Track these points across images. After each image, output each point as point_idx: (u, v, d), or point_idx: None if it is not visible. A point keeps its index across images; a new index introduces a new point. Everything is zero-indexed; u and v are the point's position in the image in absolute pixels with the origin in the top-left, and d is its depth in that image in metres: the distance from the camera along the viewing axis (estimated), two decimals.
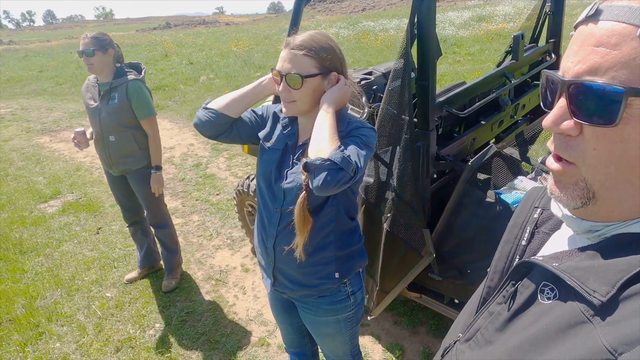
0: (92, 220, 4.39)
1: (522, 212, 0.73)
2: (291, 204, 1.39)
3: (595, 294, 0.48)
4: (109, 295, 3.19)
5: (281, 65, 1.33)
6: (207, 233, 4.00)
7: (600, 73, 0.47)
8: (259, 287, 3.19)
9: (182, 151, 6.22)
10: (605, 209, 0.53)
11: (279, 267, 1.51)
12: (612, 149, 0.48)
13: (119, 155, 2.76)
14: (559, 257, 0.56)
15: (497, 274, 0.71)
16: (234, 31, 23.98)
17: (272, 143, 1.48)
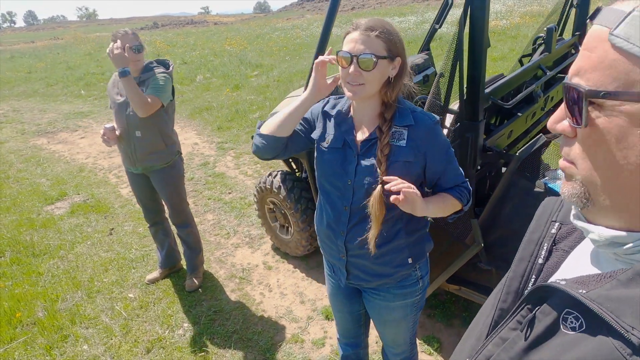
0: (103, 222, 4.32)
1: (538, 226, 0.68)
2: (361, 200, 1.39)
3: (635, 331, 0.42)
4: (131, 296, 3.13)
5: (352, 46, 1.29)
6: (224, 232, 3.96)
7: (581, 74, 0.48)
8: (284, 285, 3.16)
9: (187, 150, 6.14)
10: (603, 214, 0.51)
11: (352, 262, 1.51)
12: (594, 151, 0.49)
13: (144, 151, 2.71)
14: (585, 282, 0.51)
15: (510, 295, 0.66)
16: (225, 30, 23.84)
17: (329, 142, 1.46)
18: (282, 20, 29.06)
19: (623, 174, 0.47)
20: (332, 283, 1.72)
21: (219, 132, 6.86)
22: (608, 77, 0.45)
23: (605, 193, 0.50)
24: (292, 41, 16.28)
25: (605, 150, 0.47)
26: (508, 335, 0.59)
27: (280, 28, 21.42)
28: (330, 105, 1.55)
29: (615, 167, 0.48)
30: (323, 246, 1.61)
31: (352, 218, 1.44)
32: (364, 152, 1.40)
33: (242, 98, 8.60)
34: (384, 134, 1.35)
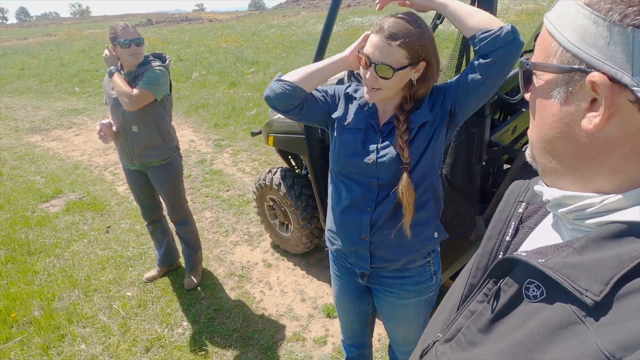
0: (99, 219, 4.26)
1: (506, 206, 0.72)
2: (387, 177, 1.38)
3: (588, 292, 0.46)
4: (129, 294, 3.09)
5: (372, 51, 1.28)
6: (223, 229, 3.92)
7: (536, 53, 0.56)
8: (284, 283, 3.13)
9: (184, 147, 6.09)
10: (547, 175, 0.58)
11: (376, 242, 1.46)
12: (531, 116, 0.57)
13: (141, 147, 2.66)
14: (544, 252, 0.54)
15: (479, 271, 0.69)
16: (220, 28, 23.71)
17: (350, 123, 1.45)
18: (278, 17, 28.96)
19: (551, 138, 0.54)
20: (340, 283, 1.68)
21: (215, 130, 6.81)
22: (540, 53, 0.54)
23: (543, 154, 0.56)
24: (288, 38, 16.22)
25: (536, 115, 0.56)
26: (476, 308, 0.62)
27: (276, 25, 21.34)
28: (353, 88, 1.53)
29: (544, 130, 0.55)
30: (338, 234, 1.53)
31: (380, 193, 1.42)
32: (386, 134, 1.41)
33: (238, 95, 8.54)
34: (401, 122, 1.35)
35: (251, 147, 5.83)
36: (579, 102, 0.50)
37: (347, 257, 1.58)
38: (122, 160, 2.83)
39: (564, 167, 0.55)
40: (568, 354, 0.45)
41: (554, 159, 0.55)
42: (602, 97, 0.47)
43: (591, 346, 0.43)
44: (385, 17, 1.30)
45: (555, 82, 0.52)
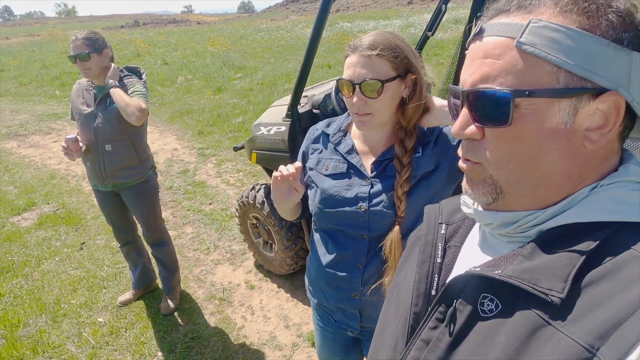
0: (74, 235, 4.04)
1: (429, 229, 0.73)
2: (379, 228, 1.21)
3: (552, 292, 0.47)
4: (101, 320, 2.89)
5: (352, 72, 1.12)
6: (204, 246, 3.74)
7: (490, 80, 0.53)
8: (267, 307, 2.96)
9: (166, 157, 5.88)
10: (513, 202, 0.57)
11: (366, 301, 1.29)
12: (511, 146, 0.54)
13: (115, 167, 2.47)
14: (495, 265, 0.55)
15: (420, 297, 0.67)
16: (208, 30, 23.46)
17: (329, 168, 1.28)
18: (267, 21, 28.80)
19: (535, 162, 0.53)
20: (324, 334, 1.51)
21: (200, 137, 6.61)
22: (520, 79, 0.51)
23: (518, 183, 0.55)
24: (276, 43, 16.07)
25: (523, 144, 0.53)
26: (430, 336, 0.60)
27: (265, 29, 21.17)
28: (324, 124, 1.36)
29: (529, 157, 0.53)
30: (322, 290, 1.37)
31: (372, 247, 1.25)
32: (377, 174, 1.23)
33: (224, 101, 8.36)
34: (405, 167, 1.17)
35: (236, 157, 5.64)
36: (586, 121, 0.52)
37: (332, 314, 1.41)
38: (91, 181, 2.63)
39: (538, 188, 0.55)
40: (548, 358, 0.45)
41: (530, 184, 0.55)
42: (617, 113, 0.51)
43: (568, 343, 0.44)
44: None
45: (558, 106, 0.51)
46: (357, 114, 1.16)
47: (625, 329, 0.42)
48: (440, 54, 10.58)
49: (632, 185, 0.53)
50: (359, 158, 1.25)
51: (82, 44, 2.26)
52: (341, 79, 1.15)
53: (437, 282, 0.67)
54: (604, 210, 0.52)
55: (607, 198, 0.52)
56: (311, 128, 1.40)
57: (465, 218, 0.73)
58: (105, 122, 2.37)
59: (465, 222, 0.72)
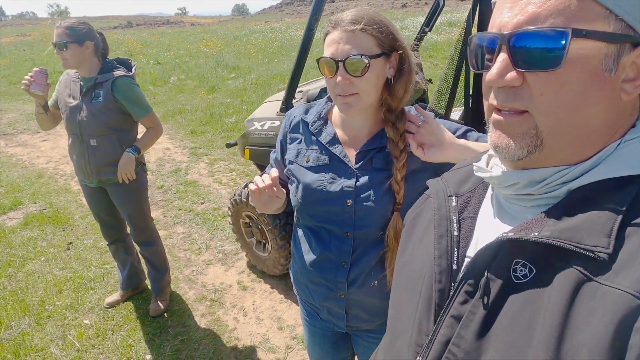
0: (61, 234, 3.92)
1: (440, 203, 0.71)
2: (365, 224, 1.13)
3: (599, 248, 0.46)
4: (87, 322, 2.78)
5: (335, 49, 1.02)
6: (195, 246, 3.64)
7: (540, 21, 0.50)
8: (260, 308, 2.87)
9: (158, 156, 5.78)
10: (549, 156, 0.54)
11: (353, 300, 1.23)
12: (557, 93, 0.50)
13: (100, 162, 2.37)
14: (528, 228, 0.53)
15: (444, 274, 0.64)
16: (201, 32, 23.35)
17: (310, 159, 1.19)
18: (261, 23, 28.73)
19: (580, 111, 0.51)
20: (312, 330, 1.43)
21: (192, 137, 6.51)
22: (572, 20, 0.48)
23: (560, 135, 0.52)
24: (270, 44, 16.00)
25: (569, 90, 0.50)
26: (461, 311, 0.57)
27: (259, 30, 21.11)
28: (302, 109, 1.26)
29: (575, 105, 0.51)
30: (308, 287, 1.30)
31: (357, 246, 1.16)
32: (362, 165, 1.14)
33: (217, 101, 8.26)
34: (402, 152, 1.09)
35: (229, 157, 5.55)
36: (625, 71, 0.51)
37: (318, 311, 1.34)
38: (77, 175, 2.53)
39: (576, 141, 0.53)
40: (601, 316, 0.44)
41: (571, 135, 0.52)
42: None
43: (616, 294, 0.43)
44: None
45: (605, 52, 0.49)
46: (341, 95, 1.05)
47: None
48: (435, 56, 10.57)
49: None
50: (342, 148, 1.16)
51: (63, 33, 2.17)
52: (322, 58, 1.05)
53: (457, 256, 0.65)
54: (629, 164, 0.51)
55: (631, 153, 0.52)
56: (287, 114, 1.30)
57: (474, 188, 0.70)
58: (90, 116, 2.27)
59: (475, 192, 0.70)
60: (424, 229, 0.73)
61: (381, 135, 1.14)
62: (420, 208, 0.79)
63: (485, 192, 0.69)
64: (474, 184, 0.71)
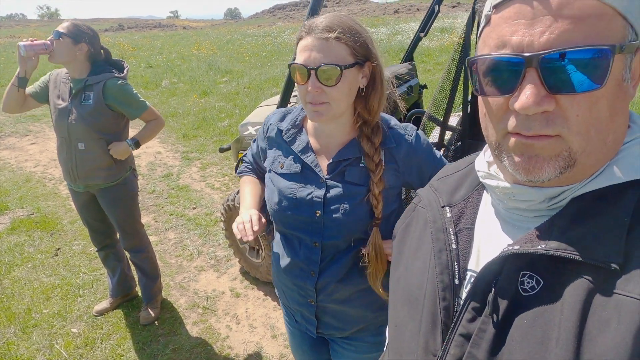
0: (49, 240, 3.84)
1: (435, 215, 0.68)
2: (334, 235, 1.13)
3: (610, 258, 0.46)
4: (75, 331, 2.71)
5: (307, 56, 1.00)
6: (187, 252, 3.58)
7: (571, 39, 0.46)
8: (253, 316, 2.82)
9: (149, 160, 5.70)
10: (578, 173, 0.52)
11: (324, 308, 1.24)
12: (592, 112, 0.48)
13: (88, 167, 2.31)
14: (532, 240, 0.52)
15: (447, 290, 0.61)
16: (194, 35, 23.27)
17: (284, 167, 1.19)
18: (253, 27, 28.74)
19: (610, 124, 0.50)
20: (292, 332, 1.44)
21: (184, 141, 6.44)
22: (604, 35, 0.46)
23: (593, 151, 0.50)
24: (263, 48, 15.99)
25: (602, 106, 0.48)
26: (469, 329, 0.55)
27: (251, 34, 21.10)
28: (278, 116, 1.25)
29: (606, 120, 0.49)
30: (284, 290, 1.31)
31: (325, 255, 1.17)
32: (334, 176, 1.13)
33: (210, 105, 8.21)
34: (378, 165, 1.08)
35: (221, 161, 5.50)
36: (632, 74, 0.50)
37: (294, 314, 1.35)
38: (65, 179, 2.47)
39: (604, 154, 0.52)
40: (617, 326, 0.43)
41: (602, 150, 0.51)
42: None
43: (629, 302, 0.42)
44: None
45: (624, 61, 0.48)
46: (312, 103, 1.04)
47: None
48: (427, 61, 10.63)
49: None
50: (314, 157, 1.15)
51: (66, 26, 2.16)
52: (293, 63, 1.03)
53: (458, 271, 0.62)
54: (632, 168, 0.51)
55: (633, 156, 0.52)
56: (265, 120, 1.29)
57: (468, 196, 0.68)
58: (80, 119, 2.21)
59: (469, 200, 0.67)
60: (417, 240, 0.71)
61: (353, 145, 1.13)
62: (410, 217, 0.76)
63: (480, 200, 0.67)
64: (467, 191, 0.69)
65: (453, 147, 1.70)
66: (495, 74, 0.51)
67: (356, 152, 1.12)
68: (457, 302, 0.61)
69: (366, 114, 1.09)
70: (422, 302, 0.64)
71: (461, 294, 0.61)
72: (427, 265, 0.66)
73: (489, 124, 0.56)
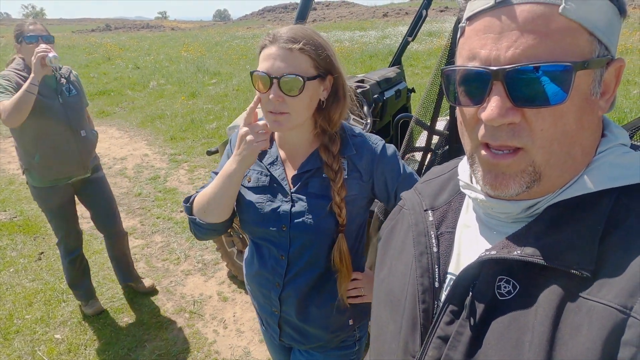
0: (32, 244, 3.76)
1: (417, 218, 0.69)
2: (300, 248, 1.14)
3: (582, 265, 0.47)
4: (58, 337, 2.65)
5: (270, 65, 1.00)
6: (174, 256, 3.54)
7: (536, 54, 0.47)
8: (241, 320, 2.80)
9: (136, 162, 5.64)
10: (546, 186, 0.53)
11: (286, 319, 1.26)
12: (556, 126, 0.49)
13: (90, 151, 2.53)
14: (509, 245, 0.53)
15: (427, 293, 0.62)
16: (182, 36, 23.13)
17: (251, 179, 1.18)
18: (242, 28, 28.67)
19: (576, 138, 0.51)
20: (265, 335, 1.46)
21: (172, 143, 6.39)
22: (569, 50, 0.47)
23: (557, 164, 0.52)
24: (252, 50, 15.94)
25: (568, 121, 0.49)
26: (447, 332, 0.56)
27: (240, 37, 21.04)
28: None
29: (572, 134, 0.50)
30: (253, 294, 1.33)
31: (291, 269, 1.17)
32: (298, 189, 1.13)
33: (198, 107, 8.15)
34: (338, 173, 1.09)
35: (209, 163, 5.46)
36: (600, 88, 0.51)
37: (261, 318, 1.37)
38: (61, 175, 2.45)
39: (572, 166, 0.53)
40: (587, 331, 0.44)
41: (568, 162, 0.52)
42: (617, 80, 0.52)
43: (600, 309, 0.43)
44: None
45: (592, 76, 0.50)
46: (272, 113, 1.03)
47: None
48: (415, 65, 10.71)
49: (622, 148, 0.55)
50: (282, 170, 1.16)
51: (44, 28, 2.32)
52: (255, 71, 1.02)
53: (439, 273, 0.63)
54: (606, 177, 0.52)
55: (606, 165, 0.53)
56: (232, 136, 1.27)
57: (450, 201, 0.69)
58: (76, 109, 2.42)
59: (451, 205, 0.69)
60: (401, 242, 0.72)
61: (314, 156, 1.14)
62: (395, 220, 0.77)
63: (462, 204, 0.68)
64: (449, 195, 0.70)
65: (440, 151, 1.71)
66: (467, 85, 0.53)
67: (317, 162, 1.12)
68: (436, 305, 0.61)
69: (326, 124, 1.10)
70: (403, 304, 0.65)
71: (441, 296, 0.62)
72: (409, 267, 0.66)
73: (464, 132, 0.58)
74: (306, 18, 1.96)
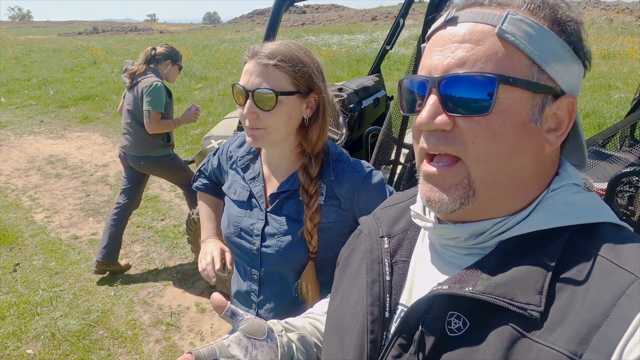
0: (7, 255, 3.69)
1: (372, 245, 0.68)
2: (271, 270, 1.12)
3: (531, 306, 0.46)
4: (30, 352, 2.60)
5: (247, 79, 1.02)
6: (153, 266, 3.49)
7: (468, 65, 0.50)
8: (219, 331, 2.77)
9: (118, 169, 5.57)
10: (482, 206, 0.53)
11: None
12: (489, 143, 0.50)
13: None
14: (461, 280, 0.52)
15: (376, 323, 0.60)
16: (170, 40, 22.96)
17: (236, 193, 1.19)
18: (231, 32, 28.58)
19: (512, 160, 0.51)
20: None
21: None
22: (500, 67, 0.50)
23: (493, 184, 0.52)
24: (240, 54, 15.87)
25: (501, 140, 0.50)
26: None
27: (229, 40, 20.95)
28: (237, 143, 1.25)
29: (506, 154, 0.51)
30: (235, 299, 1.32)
31: (263, 289, 1.16)
32: (273, 208, 1.12)
33: (183, 112, 8.07)
34: (313, 197, 1.06)
35: (192, 170, 5.41)
36: (548, 121, 0.53)
37: None
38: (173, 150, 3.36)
39: (509, 191, 0.53)
40: None
41: (504, 185, 0.53)
42: (570, 117, 0.53)
43: (550, 354, 0.43)
44: None
45: (531, 102, 0.51)
46: (249, 127, 1.04)
47: (604, 331, 0.42)
48: (402, 69, 10.75)
49: (574, 187, 0.55)
50: (261, 187, 1.15)
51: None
52: (235, 84, 1.04)
53: (390, 303, 0.62)
54: (557, 215, 0.52)
55: (558, 203, 0.53)
56: (223, 144, 1.29)
57: (407, 229, 0.68)
58: None
59: (407, 233, 0.68)
60: (356, 269, 0.70)
61: (293, 177, 1.12)
62: (354, 245, 0.76)
63: (418, 233, 0.68)
64: (406, 223, 0.69)
65: (409, 164, 1.70)
66: (411, 94, 0.57)
67: (296, 184, 1.10)
68: (385, 336, 0.60)
69: (306, 144, 1.09)
70: (352, 333, 0.63)
71: (391, 327, 0.61)
72: (361, 295, 0.65)
73: (415, 145, 0.59)
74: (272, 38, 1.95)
